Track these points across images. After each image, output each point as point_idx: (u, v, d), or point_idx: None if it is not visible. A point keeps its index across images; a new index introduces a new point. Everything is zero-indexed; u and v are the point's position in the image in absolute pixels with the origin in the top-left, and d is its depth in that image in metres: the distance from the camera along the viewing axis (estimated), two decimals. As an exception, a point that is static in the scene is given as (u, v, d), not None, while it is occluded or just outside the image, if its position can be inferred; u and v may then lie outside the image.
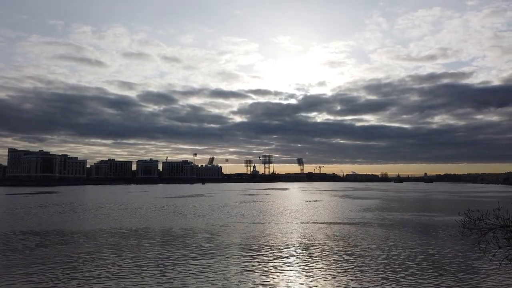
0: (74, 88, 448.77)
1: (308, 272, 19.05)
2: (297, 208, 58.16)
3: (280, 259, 22.05)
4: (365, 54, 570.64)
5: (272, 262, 21.16)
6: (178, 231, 33.12)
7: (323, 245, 26.20)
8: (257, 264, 20.69)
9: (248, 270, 19.26)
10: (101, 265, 20.42)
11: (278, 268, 19.98)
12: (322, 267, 19.96)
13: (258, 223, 39.12)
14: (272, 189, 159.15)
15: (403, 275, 18.32)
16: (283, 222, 39.60)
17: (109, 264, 20.68)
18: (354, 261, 21.23)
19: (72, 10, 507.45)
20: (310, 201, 77.93)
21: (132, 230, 33.58)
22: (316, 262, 21.22)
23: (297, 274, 18.66)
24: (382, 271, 19.07)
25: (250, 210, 54.01)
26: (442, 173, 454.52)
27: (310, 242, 27.64)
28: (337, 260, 21.58)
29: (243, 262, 21.02)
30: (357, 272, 18.81)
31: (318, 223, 39.30)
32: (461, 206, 40.23)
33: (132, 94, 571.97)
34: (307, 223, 39.37)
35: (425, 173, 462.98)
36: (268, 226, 36.78)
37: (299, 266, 20.39)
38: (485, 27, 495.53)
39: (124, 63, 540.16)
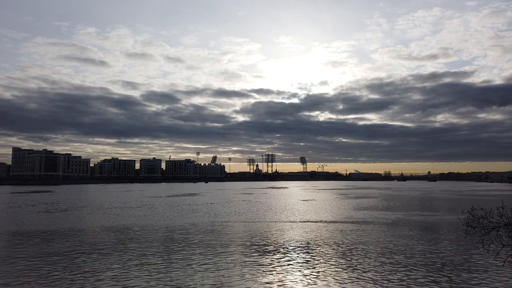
0: (78, 88, 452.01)
1: (291, 272, 18.89)
2: (288, 207, 57.28)
3: (254, 258, 21.78)
4: (367, 54, 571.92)
5: (243, 261, 20.95)
6: (148, 230, 32.72)
7: (300, 245, 25.82)
8: (229, 262, 20.57)
9: (220, 269, 19.19)
10: (68, 265, 20.33)
11: (256, 267, 19.81)
12: (307, 268, 19.72)
13: (242, 222, 38.72)
14: (272, 188, 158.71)
15: (404, 274, 18.19)
16: (266, 221, 38.96)
17: (71, 265, 20.42)
18: (350, 261, 21.01)
19: (76, 12, 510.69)
20: (306, 200, 77.01)
21: (108, 230, 33.32)
22: (296, 262, 20.97)
23: (277, 273, 18.61)
24: (382, 271, 18.88)
25: (237, 209, 53.15)
26: (445, 172, 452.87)
27: (276, 241, 27.44)
28: (329, 261, 21.34)
29: (210, 260, 20.88)
30: (354, 272, 18.70)
31: (301, 222, 39.00)
32: (464, 205, 40.00)
33: (135, 93, 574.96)
34: (294, 222, 39.01)
35: (429, 172, 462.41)
36: (249, 225, 36.44)
37: (278, 265, 20.22)
38: (486, 27, 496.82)
39: (128, 64, 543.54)
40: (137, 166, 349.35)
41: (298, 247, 24.88)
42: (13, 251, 23.41)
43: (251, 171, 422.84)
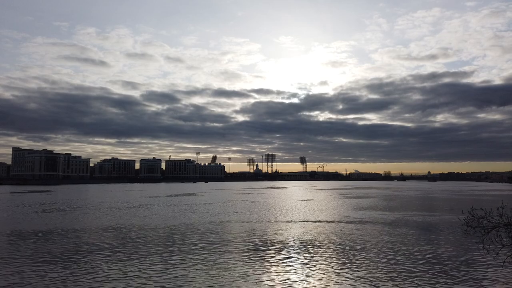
0: (78, 88, 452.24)
1: (276, 270, 18.91)
2: (287, 207, 57.00)
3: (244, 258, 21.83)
4: (366, 54, 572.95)
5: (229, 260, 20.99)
6: (141, 230, 32.68)
7: (299, 245, 25.75)
8: (214, 262, 20.59)
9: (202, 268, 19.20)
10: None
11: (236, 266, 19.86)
12: (306, 267, 19.66)
13: (241, 222, 38.58)
14: (271, 187, 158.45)
15: (404, 274, 18.11)
16: (265, 221, 38.89)
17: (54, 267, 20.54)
18: (349, 261, 20.91)
19: (76, 12, 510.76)
20: (305, 200, 76.60)
21: (101, 229, 33.30)
22: (295, 262, 20.94)
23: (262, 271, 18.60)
24: (382, 271, 18.79)
25: (236, 209, 52.93)
26: (445, 172, 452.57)
27: (265, 241, 27.49)
28: (328, 261, 21.26)
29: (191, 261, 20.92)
30: (353, 272, 18.62)
31: (299, 221, 38.89)
32: (464, 205, 39.93)
33: (135, 93, 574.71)
34: (293, 222, 38.90)
35: (429, 172, 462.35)
36: (247, 225, 36.37)
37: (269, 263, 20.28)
38: (485, 27, 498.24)
39: (128, 64, 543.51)
40: (137, 166, 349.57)
41: (297, 247, 24.81)
42: (10, 251, 23.34)
43: (251, 171, 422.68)
